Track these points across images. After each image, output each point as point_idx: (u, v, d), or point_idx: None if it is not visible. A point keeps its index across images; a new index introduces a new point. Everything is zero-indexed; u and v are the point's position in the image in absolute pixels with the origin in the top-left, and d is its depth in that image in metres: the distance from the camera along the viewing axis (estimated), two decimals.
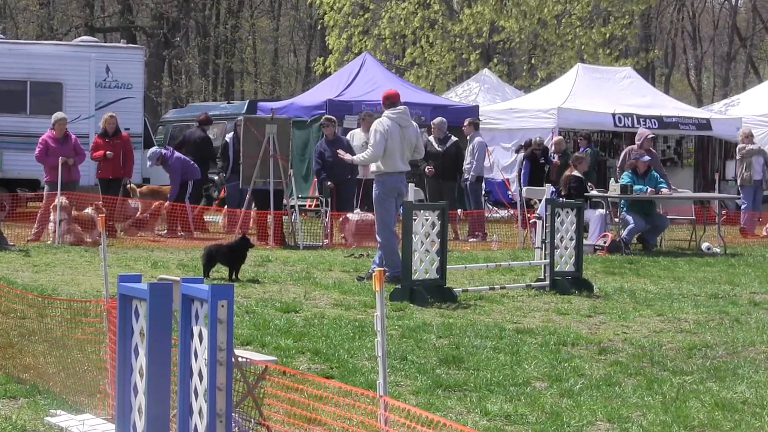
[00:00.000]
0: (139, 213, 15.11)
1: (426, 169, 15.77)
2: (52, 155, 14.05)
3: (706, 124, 21.02)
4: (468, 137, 16.68)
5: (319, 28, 34.70)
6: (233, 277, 10.36)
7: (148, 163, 16.51)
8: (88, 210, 13.95)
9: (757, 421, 5.62)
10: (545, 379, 6.49)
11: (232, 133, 15.81)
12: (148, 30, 36.58)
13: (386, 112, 10.51)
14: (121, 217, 14.92)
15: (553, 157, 17.42)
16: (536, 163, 17.10)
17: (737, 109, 22.65)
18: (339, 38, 28.41)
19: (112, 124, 15.06)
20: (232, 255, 10.48)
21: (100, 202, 14.14)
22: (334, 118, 16.10)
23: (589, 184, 15.00)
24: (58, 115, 14.60)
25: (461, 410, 5.78)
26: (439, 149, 15.88)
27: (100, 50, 19.21)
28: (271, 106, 18.55)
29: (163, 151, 16.02)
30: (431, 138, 16.04)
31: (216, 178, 19.99)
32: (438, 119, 16.25)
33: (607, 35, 28.38)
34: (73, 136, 14.50)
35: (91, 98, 18.13)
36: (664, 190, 14.44)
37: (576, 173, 14.43)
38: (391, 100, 10.62)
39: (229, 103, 25.33)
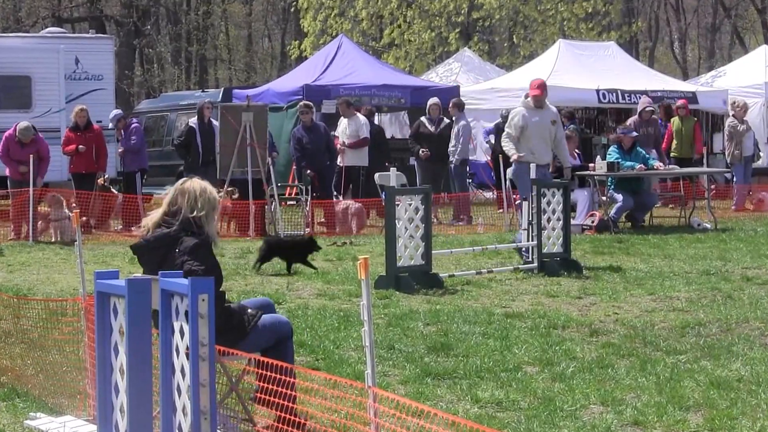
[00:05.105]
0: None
1: (420, 152, 15.58)
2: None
3: (692, 98, 20.87)
4: (453, 119, 16.43)
5: (293, 11, 34.30)
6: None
7: (110, 125, 16.08)
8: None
9: (753, 398, 5.55)
10: (536, 364, 6.38)
11: (195, 118, 14.87)
12: (117, 19, 36.14)
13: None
14: (96, 212, 14.67)
15: None
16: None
17: (723, 81, 22.45)
18: (314, 21, 28.08)
19: (83, 117, 14.79)
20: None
21: (73, 199, 13.92)
22: (311, 104, 15.87)
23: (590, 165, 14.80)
24: (22, 124, 14.02)
25: (451, 398, 5.68)
26: (432, 131, 15.69)
27: (69, 41, 18.85)
28: (246, 93, 18.32)
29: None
30: (424, 119, 15.87)
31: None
32: (434, 99, 16.08)
33: (590, 10, 28.02)
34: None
35: (60, 91, 17.80)
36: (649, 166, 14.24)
37: None
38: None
39: (203, 91, 25.00)
